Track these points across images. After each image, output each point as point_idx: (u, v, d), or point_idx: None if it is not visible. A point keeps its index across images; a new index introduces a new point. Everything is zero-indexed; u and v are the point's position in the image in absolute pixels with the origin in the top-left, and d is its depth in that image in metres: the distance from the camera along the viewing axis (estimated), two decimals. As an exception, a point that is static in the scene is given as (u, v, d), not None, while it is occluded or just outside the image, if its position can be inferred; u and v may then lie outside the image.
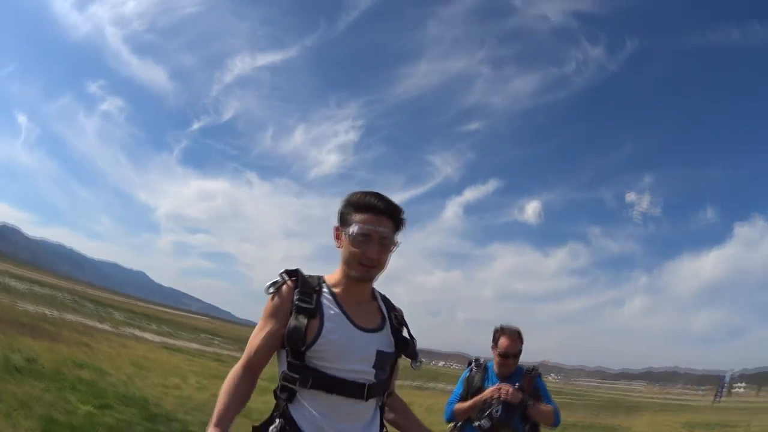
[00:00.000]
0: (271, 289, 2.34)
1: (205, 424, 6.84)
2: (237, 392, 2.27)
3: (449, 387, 36.56)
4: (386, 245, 2.38)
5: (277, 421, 2.25)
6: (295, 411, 2.25)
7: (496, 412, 4.24)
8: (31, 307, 22.05)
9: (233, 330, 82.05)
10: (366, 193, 2.40)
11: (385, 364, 2.41)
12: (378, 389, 2.39)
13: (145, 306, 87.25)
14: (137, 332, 26.90)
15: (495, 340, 4.51)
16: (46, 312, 22.40)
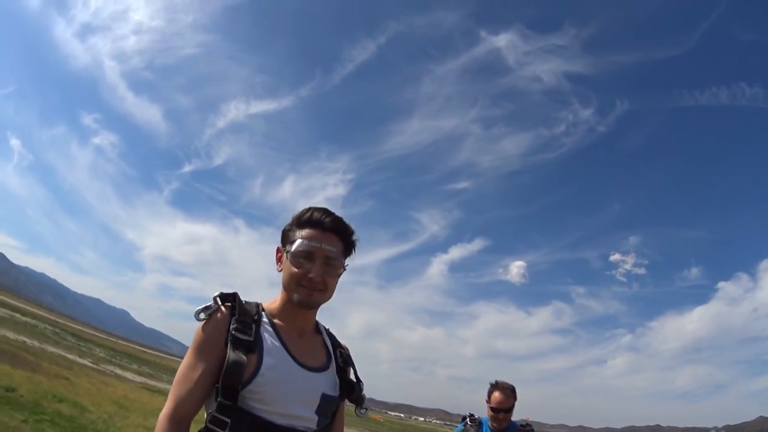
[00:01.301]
0: (203, 315, 1.96)
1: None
2: None
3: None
4: (333, 267, 2.06)
5: None
6: None
7: None
8: (11, 335, 21.55)
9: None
10: (313, 208, 2.11)
11: (329, 410, 2.07)
12: None
13: (126, 344, 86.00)
14: (118, 371, 26.45)
15: (489, 395, 4.52)
16: (27, 341, 22.01)
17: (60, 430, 7.62)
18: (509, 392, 4.50)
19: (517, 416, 4.62)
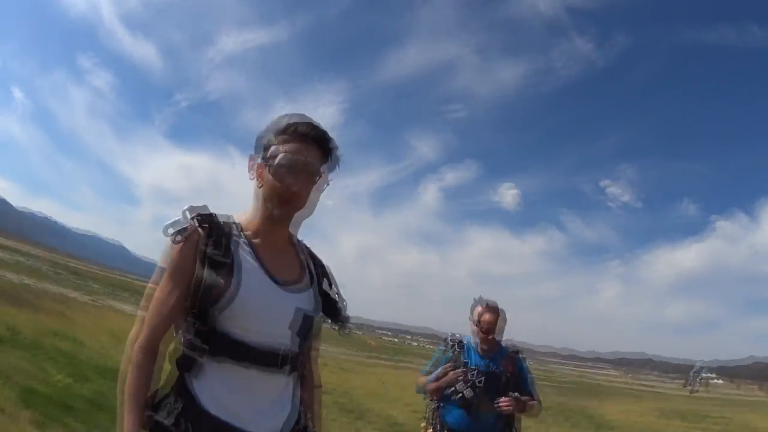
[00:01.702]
0: (177, 237, 1.77)
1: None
2: (145, 390, 1.77)
3: (422, 364, 36.12)
4: (314, 179, 1.90)
5: (177, 399, 1.74)
6: (199, 387, 1.74)
7: (479, 382, 4.09)
8: (15, 277, 21.85)
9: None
10: (294, 118, 1.89)
11: (306, 328, 1.89)
12: (297, 358, 1.88)
13: (122, 277, 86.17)
14: (114, 303, 26.69)
15: (477, 314, 4.22)
16: (28, 282, 22.21)
17: (59, 365, 8.08)
18: (499, 312, 4.24)
19: (504, 338, 4.37)
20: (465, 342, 4.31)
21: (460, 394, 4.10)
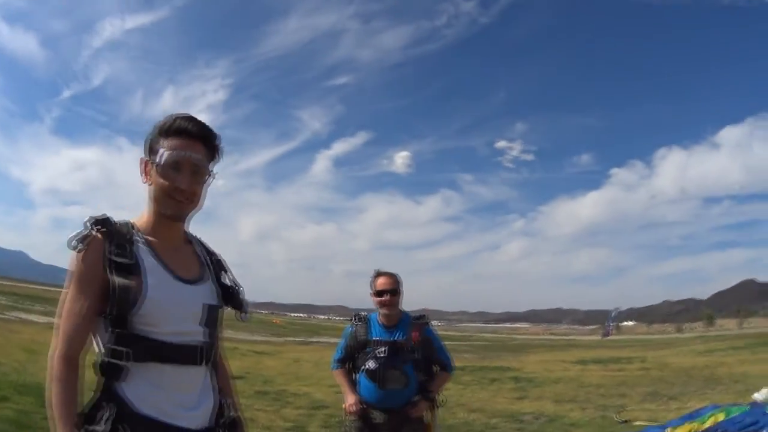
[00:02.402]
0: (80, 246, 1.77)
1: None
2: (73, 400, 1.75)
3: (333, 340, 35.79)
4: (200, 175, 1.94)
5: (108, 407, 1.74)
6: (128, 391, 1.76)
7: (381, 353, 4.14)
8: None
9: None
10: (177, 116, 1.92)
11: (214, 320, 1.96)
12: (211, 349, 1.94)
13: (26, 286, 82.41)
14: (23, 315, 25.67)
15: (372, 285, 4.29)
16: None
17: (-27, 389, 7.67)
18: (393, 276, 4.29)
19: (416, 307, 4.36)
20: (370, 317, 4.36)
21: (365, 367, 4.17)
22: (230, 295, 2.08)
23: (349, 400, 4.21)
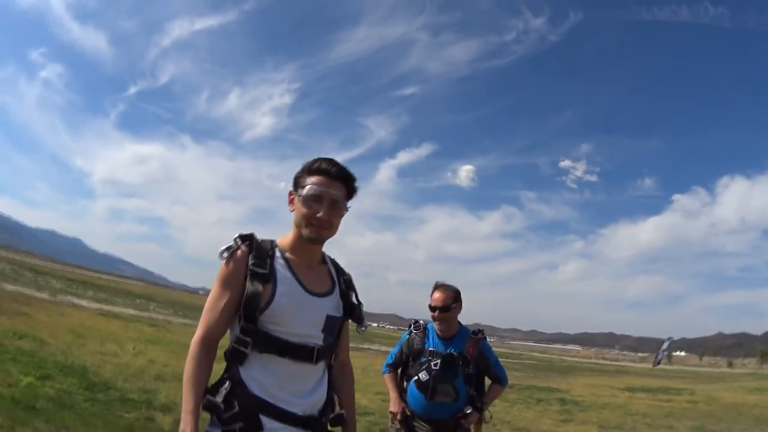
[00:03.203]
0: (225, 254, 2.18)
1: (144, 390, 6.85)
2: (201, 376, 2.11)
3: (383, 348, 36.08)
4: (337, 208, 2.28)
5: (228, 383, 2.12)
6: (245, 373, 2.14)
7: (435, 365, 4.06)
8: None
9: (167, 294, 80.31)
10: (321, 159, 2.30)
11: (334, 328, 2.31)
12: (326, 352, 2.29)
13: (81, 273, 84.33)
14: (74, 300, 26.05)
15: (431, 295, 4.26)
16: None
17: (22, 366, 7.86)
18: (449, 291, 4.23)
19: (469, 321, 4.38)
20: (427, 327, 4.29)
21: (416, 378, 4.10)
22: (351, 311, 2.42)
23: (394, 406, 4.20)
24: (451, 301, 4.18)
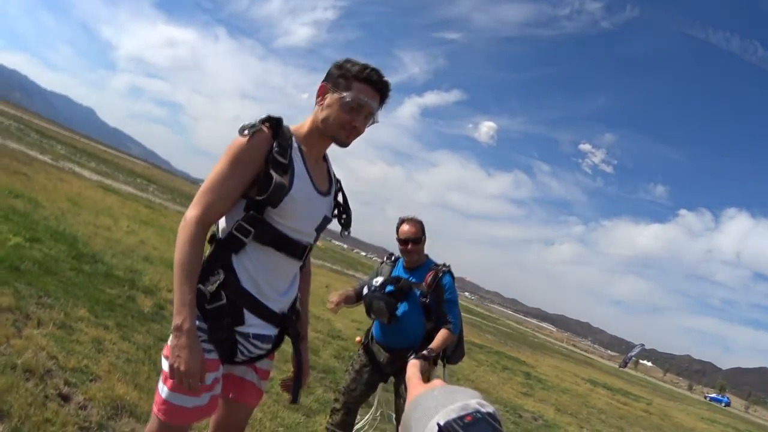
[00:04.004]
0: (247, 132, 2.03)
1: (130, 269, 6.75)
2: (199, 262, 2.02)
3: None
4: (369, 119, 2.25)
5: (221, 273, 2.06)
6: (237, 264, 2.08)
7: (376, 283, 4.21)
8: None
9: (169, 179, 79.92)
10: (371, 68, 2.19)
11: (322, 228, 2.31)
12: (309, 251, 2.32)
13: (87, 143, 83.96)
14: (76, 168, 25.82)
15: (397, 229, 4.30)
16: None
17: (13, 225, 7.77)
18: (418, 224, 4.28)
19: (456, 274, 4.39)
20: (399, 260, 4.44)
21: (361, 294, 4.32)
22: (346, 215, 2.43)
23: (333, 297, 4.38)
24: (420, 233, 4.26)
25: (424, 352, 3.99)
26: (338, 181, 2.45)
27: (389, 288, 4.16)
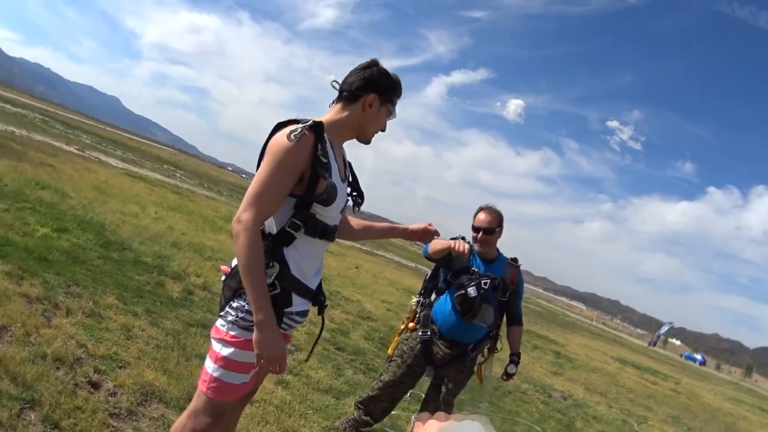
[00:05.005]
0: (293, 138, 2.20)
1: (158, 256, 6.77)
2: (263, 259, 2.20)
3: (396, 258, 36.28)
4: None
5: (276, 265, 2.27)
6: (288, 254, 2.30)
7: (485, 284, 3.90)
8: (0, 125, 21.19)
9: (196, 165, 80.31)
10: (400, 81, 2.51)
11: (344, 210, 2.58)
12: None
13: (113, 131, 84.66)
14: (102, 157, 25.98)
15: (474, 216, 4.17)
16: (15, 130, 21.57)
17: (40, 216, 7.83)
18: (495, 214, 4.13)
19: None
20: (472, 245, 4.08)
21: (462, 292, 3.92)
22: (360, 196, 2.68)
23: (460, 246, 3.79)
24: (496, 224, 4.11)
25: (514, 361, 4.35)
26: (350, 164, 2.68)
27: (487, 284, 3.95)
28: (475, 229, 4.10)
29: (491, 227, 4.08)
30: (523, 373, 11.03)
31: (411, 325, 4.21)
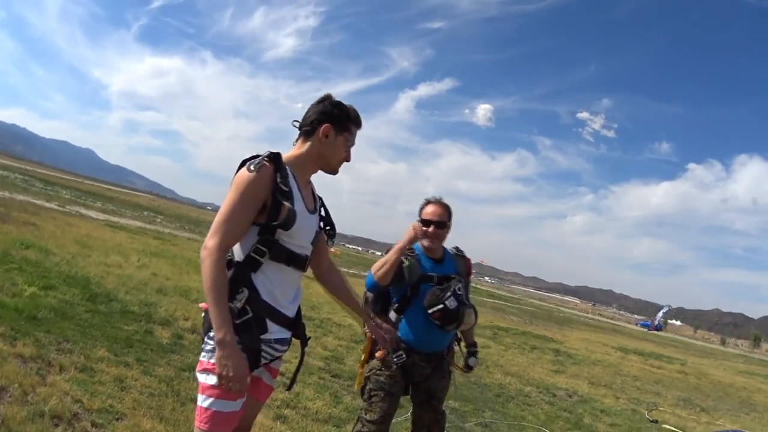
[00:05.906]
0: (252, 168, 2.30)
1: (145, 303, 6.83)
2: (226, 284, 2.26)
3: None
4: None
5: (245, 290, 2.32)
6: (256, 280, 2.36)
7: (459, 290, 3.61)
8: None
9: (175, 208, 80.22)
10: (356, 110, 2.64)
11: (316, 241, 2.64)
12: (308, 261, 2.61)
13: (91, 184, 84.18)
14: (82, 210, 25.96)
15: (420, 211, 3.83)
16: None
17: (27, 276, 7.84)
18: (444, 207, 3.80)
19: (475, 260, 4.09)
20: (415, 249, 3.76)
21: (441, 306, 3.55)
22: (331, 227, 2.76)
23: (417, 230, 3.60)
24: (446, 217, 3.79)
25: (473, 353, 4.05)
26: (320, 198, 2.76)
27: (461, 288, 3.67)
28: (426, 223, 3.73)
29: (443, 220, 3.76)
30: (524, 376, 11.02)
31: (379, 354, 3.62)
